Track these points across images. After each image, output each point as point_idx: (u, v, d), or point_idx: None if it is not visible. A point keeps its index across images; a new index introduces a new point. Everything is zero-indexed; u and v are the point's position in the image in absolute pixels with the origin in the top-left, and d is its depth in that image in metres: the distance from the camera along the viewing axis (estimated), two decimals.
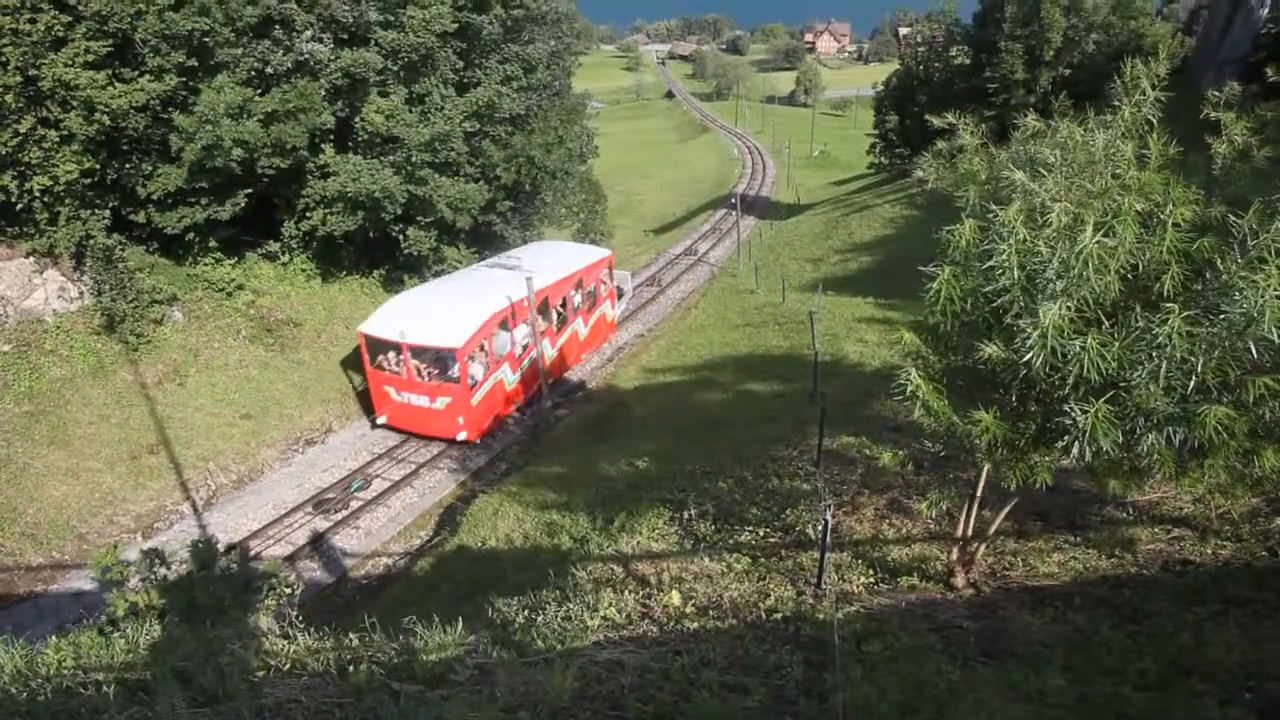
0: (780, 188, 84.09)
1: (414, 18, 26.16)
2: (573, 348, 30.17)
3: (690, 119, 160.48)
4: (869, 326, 25.54)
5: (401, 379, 23.40)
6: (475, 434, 23.60)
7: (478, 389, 23.45)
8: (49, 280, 22.58)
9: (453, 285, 26.80)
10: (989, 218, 5.89)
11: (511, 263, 28.42)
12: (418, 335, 22.71)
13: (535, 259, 29.37)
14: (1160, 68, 6.08)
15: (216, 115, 21.94)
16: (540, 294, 25.81)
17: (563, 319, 28.98)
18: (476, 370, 23.46)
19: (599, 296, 32.17)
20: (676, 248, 53.55)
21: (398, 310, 23.88)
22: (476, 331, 22.91)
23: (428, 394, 23.19)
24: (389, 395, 23.81)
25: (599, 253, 33.62)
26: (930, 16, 60.99)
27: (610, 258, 33.34)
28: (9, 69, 19.45)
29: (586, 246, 36.90)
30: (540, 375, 26.54)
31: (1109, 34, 42.71)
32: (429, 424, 23.60)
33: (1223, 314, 5.04)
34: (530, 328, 25.71)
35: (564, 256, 31.16)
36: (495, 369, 24.36)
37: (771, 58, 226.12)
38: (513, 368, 25.46)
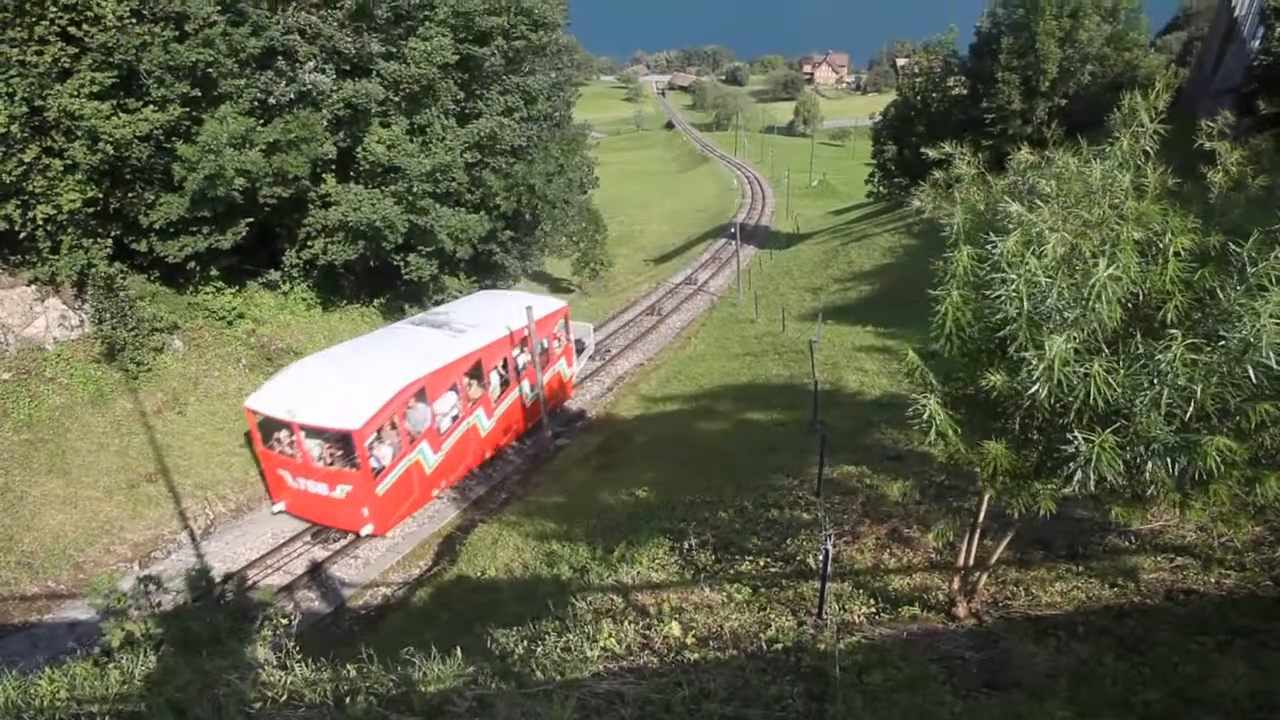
0: (779, 217, 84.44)
1: (415, 49, 26.41)
2: (516, 416, 25.92)
3: (690, 149, 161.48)
4: (869, 355, 25.55)
5: (296, 463, 19.69)
6: (383, 527, 20.03)
7: (384, 476, 19.64)
8: (50, 308, 22.62)
9: (363, 351, 22.54)
10: (988, 248, 5.91)
11: (441, 319, 24.81)
12: (310, 414, 18.90)
13: (471, 314, 25.70)
14: (1159, 100, 6.14)
15: (219, 145, 22.08)
16: (472, 356, 22.81)
17: (505, 382, 25.16)
18: (384, 453, 19.77)
19: (551, 354, 27.73)
20: (676, 277, 53.65)
21: (292, 382, 20.15)
22: (382, 408, 19.21)
23: (325, 481, 19.43)
24: (284, 480, 20.19)
25: (551, 304, 28.74)
26: (928, 48, 61.60)
27: (565, 309, 28.66)
28: (15, 99, 19.63)
29: (538, 296, 30.92)
30: (473, 451, 23.45)
31: (1104, 65, 43.11)
32: (330, 514, 20.02)
33: (1221, 341, 5.06)
34: (459, 397, 22.41)
35: (506, 310, 26.21)
36: (410, 450, 20.50)
37: (770, 88, 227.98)
38: (434, 446, 21.58)
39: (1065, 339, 5.30)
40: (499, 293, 31.82)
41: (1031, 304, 5.60)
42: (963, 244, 6.09)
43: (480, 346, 23.28)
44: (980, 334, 6.15)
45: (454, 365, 21.95)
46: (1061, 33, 42.95)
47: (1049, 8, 42.69)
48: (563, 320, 28.37)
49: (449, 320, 24.64)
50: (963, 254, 6.00)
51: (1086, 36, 42.60)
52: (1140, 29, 45.00)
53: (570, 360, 29.61)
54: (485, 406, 23.96)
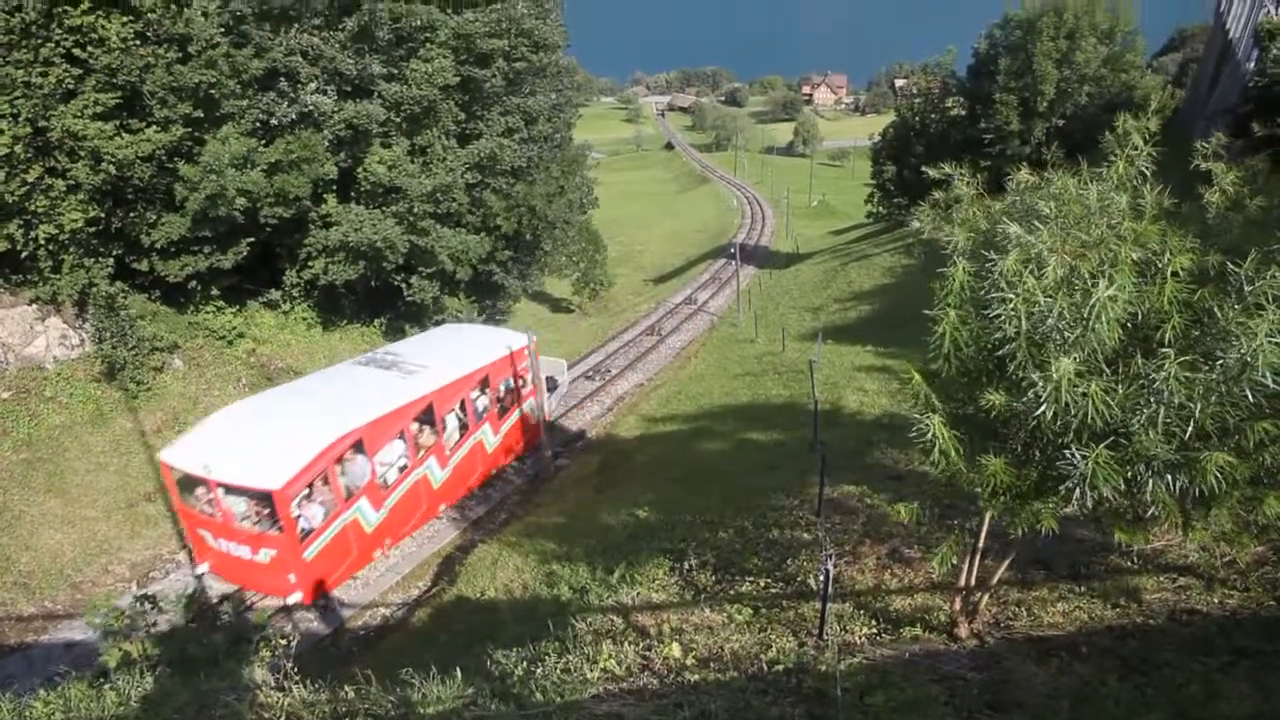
0: (779, 237, 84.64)
1: (417, 71, 26.59)
2: (475, 464, 23.49)
3: (690, 170, 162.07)
4: (869, 375, 25.52)
5: (216, 523, 17.25)
6: (311, 594, 17.69)
7: (314, 539, 17.37)
8: (50, 327, 22.64)
9: (297, 397, 19.89)
10: (987, 266, 5.92)
11: (390, 359, 22.31)
12: (228, 470, 16.57)
13: (425, 353, 23.27)
14: (1152, 123, 6.17)
15: (221, 165, 22.20)
16: (422, 401, 20.54)
17: (462, 427, 22.70)
18: (314, 513, 17.44)
19: (517, 395, 25.21)
20: (676, 297, 53.70)
21: (213, 433, 17.71)
22: (309, 465, 16.85)
23: (248, 544, 17.07)
24: (205, 541, 17.72)
25: (515, 340, 25.45)
26: (926, 69, 61.96)
27: (532, 344, 25.37)
28: (19, 120, 19.78)
29: (501, 332, 27.39)
30: (425, 504, 21.35)
31: (1101, 86, 43.37)
32: (254, 579, 17.75)
33: (1219, 360, 5.06)
34: (407, 446, 20.14)
35: (465, 347, 24.26)
36: (346, 508, 18.15)
37: (770, 109, 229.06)
38: (375, 502, 19.27)
39: (1072, 360, 5.30)
40: (461, 327, 28.74)
41: (1031, 324, 5.61)
42: (961, 261, 6.10)
43: (433, 389, 21.00)
44: (979, 353, 6.15)
45: (400, 411, 19.67)
46: (1058, 54, 43.23)
47: (1046, 30, 42.99)
48: (530, 356, 25.38)
49: (399, 360, 22.16)
50: (960, 270, 6.01)
51: (1083, 58, 42.88)
52: (1136, 51, 45.30)
53: (540, 399, 26.28)
54: (438, 455, 21.48)
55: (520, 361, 25.13)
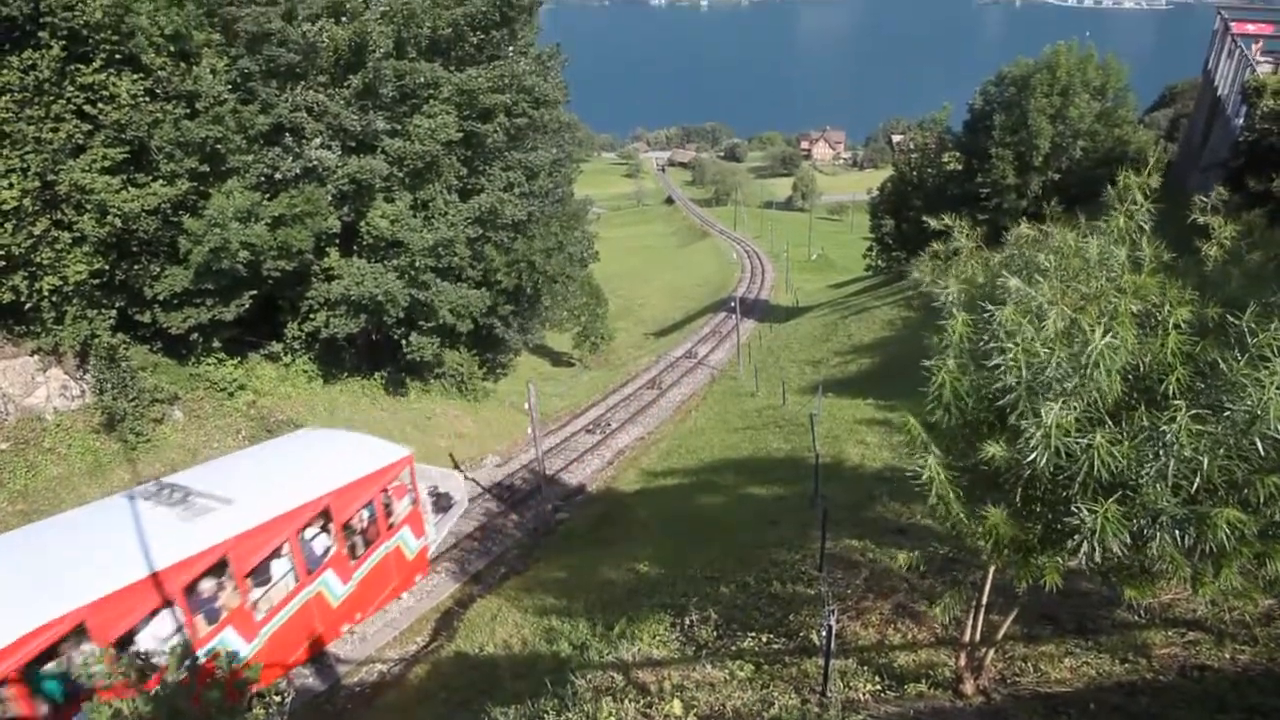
0: (779, 291, 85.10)
1: (420, 126, 26.95)
2: (309, 627, 16.69)
3: (690, 224, 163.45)
4: (870, 428, 25.46)
5: None
6: None
7: None
8: (51, 378, 22.66)
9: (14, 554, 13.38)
10: (985, 317, 5.94)
11: (181, 493, 15.08)
12: None
13: (240, 478, 16.41)
14: (1152, 179, 6.24)
15: (225, 219, 22.40)
16: (212, 553, 13.98)
17: (287, 581, 16.02)
18: None
19: (380, 526, 18.30)
20: (677, 350, 53.85)
21: None
22: None
23: None
24: None
25: (384, 454, 18.95)
26: (922, 124, 62.78)
27: (407, 458, 19.22)
28: (29, 174, 20.04)
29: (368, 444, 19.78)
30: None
31: (1095, 141, 43.96)
32: None
33: (1226, 412, 5.04)
34: (182, 619, 13.41)
35: (305, 468, 17.61)
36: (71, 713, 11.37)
37: (769, 164, 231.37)
38: None
39: (1061, 406, 5.29)
40: (315, 437, 20.59)
41: (1031, 374, 5.60)
42: (959, 312, 6.12)
43: (231, 536, 14.41)
44: (978, 404, 6.14)
45: (169, 573, 13.20)
46: (1052, 110, 43.89)
47: (1039, 86, 43.71)
48: (405, 474, 19.32)
49: (193, 491, 15.17)
50: (959, 321, 6.03)
51: (1077, 113, 43.53)
52: (1128, 106, 45.99)
53: (420, 528, 19.98)
54: (241, 626, 14.73)
55: (388, 480, 18.70)
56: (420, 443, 30.78)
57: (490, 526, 25.55)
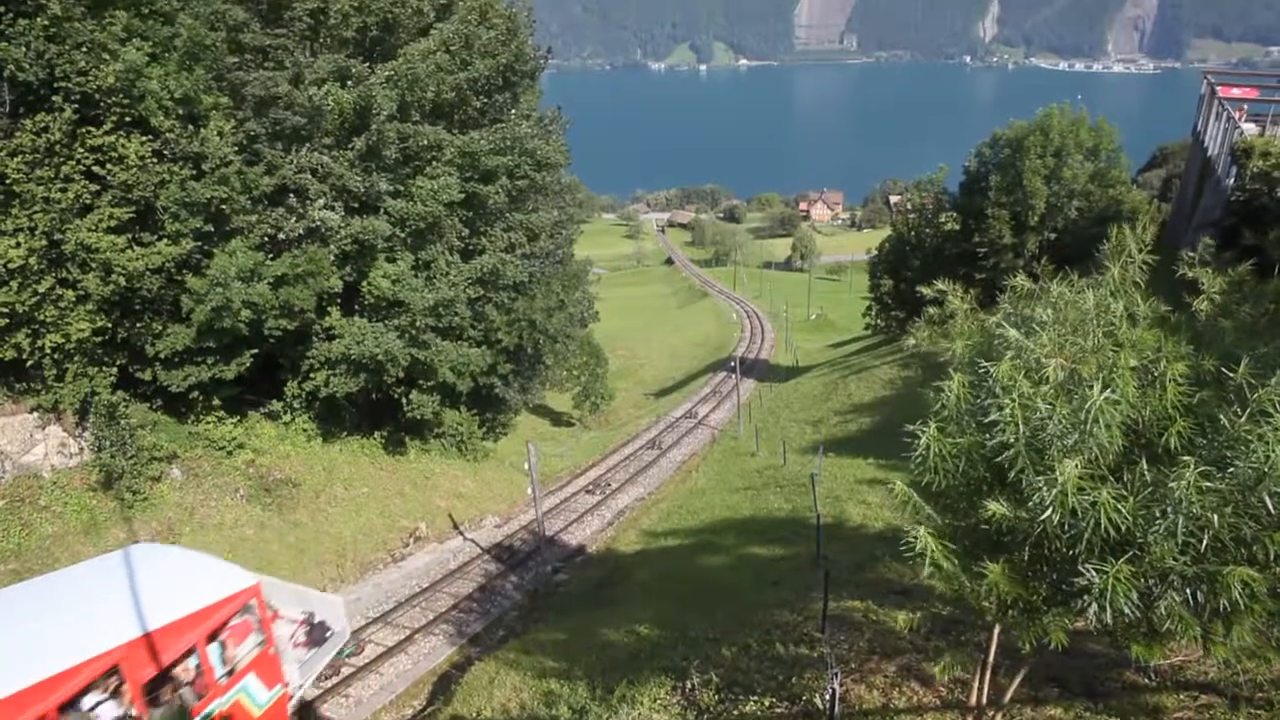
0: (779, 351, 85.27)
1: (423, 188, 27.28)
2: None
3: (689, 284, 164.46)
4: (871, 488, 25.32)
5: None
6: None
7: None
8: (50, 436, 22.61)
9: None
10: (980, 373, 5.95)
11: None
12: None
13: None
14: (1146, 235, 6.31)
15: (228, 278, 22.56)
16: None
17: None
18: None
19: (209, 680, 13.14)
20: (677, 410, 53.78)
21: None
22: None
23: None
24: None
25: (218, 585, 13.92)
26: (919, 185, 63.38)
27: (253, 589, 14.25)
28: (36, 233, 20.26)
29: (197, 569, 14.53)
30: None
31: (1090, 201, 44.32)
32: None
33: (1231, 468, 5.02)
34: None
35: (95, 608, 12.60)
36: None
37: (768, 225, 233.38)
38: None
39: (1075, 464, 5.26)
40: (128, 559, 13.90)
41: (1030, 430, 5.59)
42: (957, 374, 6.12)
43: None
44: (973, 462, 6.11)
45: None
46: (1046, 170, 44.36)
47: (1033, 147, 44.24)
48: (250, 607, 14.25)
49: None
50: (956, 381, 6.03)
51: (1071, 174, 43.98)
52: (1121, 167, 46.47)
53: (273, 675, 14.66)
54: None
55: (224, 620, 13.76)
56: (419, 502, 30.61)
57: (489, 588, 25.28)
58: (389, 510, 29.35)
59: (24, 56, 19.80)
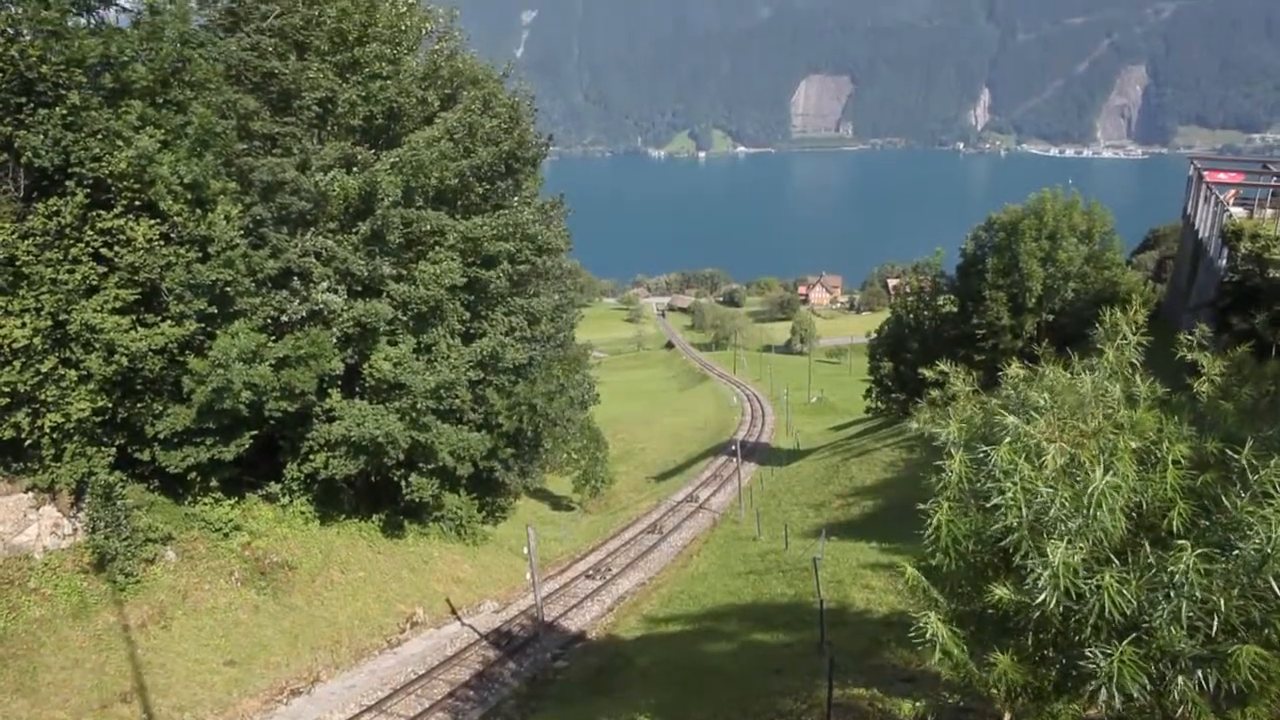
0: (779, 434, 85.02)
1: (425, 272, 27.58)
2: None
3: (690, 368, 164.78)
4: (874, 573, 25.01)
5: None
6: None
7: None
8: (44, 516, 22.43)
9: None
10: (981, 456, 5.96)
11: None
12: None
13: None
14: (1139, 315, 6.37)
15: (229, 359, 22.65)
16: None
17: None
18: None
19: None
20: (678, 494, 53.38)
21: None
22: None
23: None
24: None
25: None
26: (916, 268, 64.07)
27: None
28: (42, 314, 20.47)
29: None
30: None
31: (1085, 282, 44.76)
32: None
33: (1235, 551, 4.99)
34: None
35: None
36: None
37: (767, 309, 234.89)
38: None
39: (1067, 545, 5.23)
40: None
41: (1033, 513, 5.57)
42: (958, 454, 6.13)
43: None
44: (981, 546, 6.08)
45: None
46: (1042, 253, 44.89)
47: (1028, 231, 44.85)
48: None
49: None
50: (958, 463, 6.03)
51: (1066, 256, 44.50)
52: (1115, 249, 47.06)
53: None
54: None
55: None
56: (417, 587, 30.19)
57: (487, 675, 24.73)
58: (386, 595, 28.92)
59: (41, 144, 20.40)
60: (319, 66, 25.93)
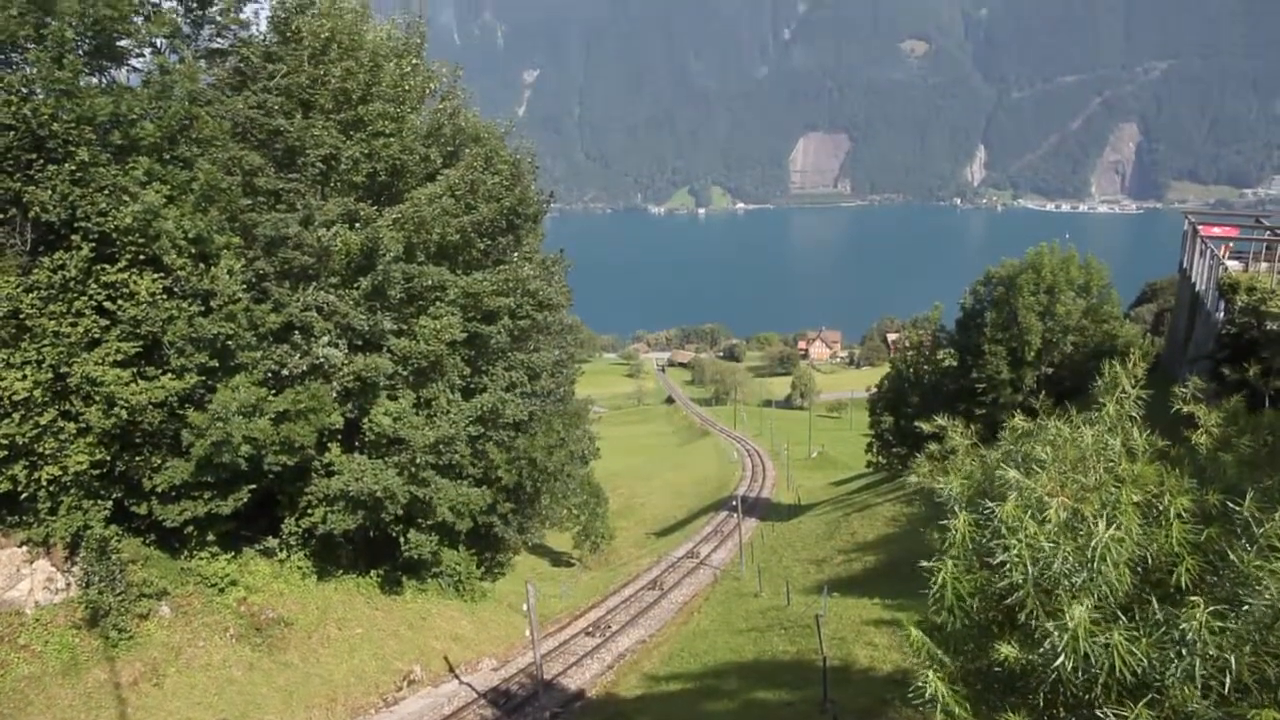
0: (780, 489, 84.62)
1: (426, 327, 27.68)
2: None
3: (690, 423, 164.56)
4: (878, 629, 24.72)
5: None
6: None
7: None
8: (38, 570, 22.19)
9: None
10: (984, 512, 5.92)
11: None
12: None
13: None
14: (1138, 369, 6.38)
15: (229, 413, 22.62)
16: None
17: None
18: None
19: None
20: (679, 550, 52.99)
21: None
22: None
23: None
24: None
25: None
26: (915, 323, 64.38)
27: None
28: (43, 367, 20.52)
29: None
30: None
31: (1084, 336, 44.94)
32: None
33: (1246, 606, 4.93)
34: None
35: None
36: None
37: (767, 364, 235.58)
38: None
39: (1078, 603, 5.18)
40: None
41: (1038, 570, 5.53)
42: (961, 511, 6.10)
43: None
44: (985, 603, 6.02)
45: None
46: (1040, 307, 45.13)
47: (1026, 285, 45.12)
48: None
49: None
50: (961, 521, 5.99)
51: (1064, 310, 44.73)
52: (1113, 302, 47.30)
53: None
54: None
55: None
56: (414, 644, 29.78)
57: None
58: (383, 652, 28.51)
59: (49, 199, 20.66)
60: (324, 124, 26.29)
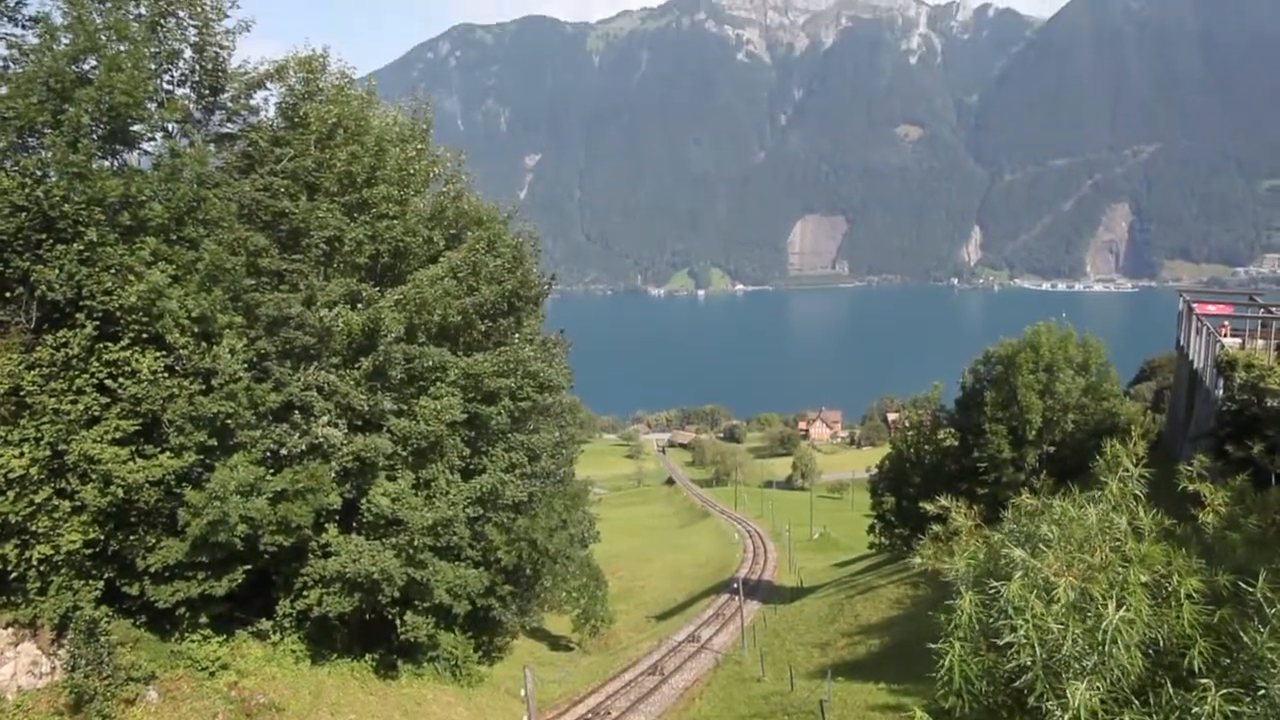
0: (782, 570, 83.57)
1: (426, 408, 27.65)
2: None
3: (690, 504, 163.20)
4: (883, 715, 24.14)
5: None
6: None
7: None
8: (22, 653, 21.70)
9: None
10: (990, 593, 5.85)
11: None
12: None
13: None
14: (1139, 447, 6.37)
15: (226, 492, 22.46)
16: None
17: None
18: None
19: None
20: (679, 634, 52.10)
21: None
22: None
23: None
24: None
25: None
26: (915, 402, 64.34)
27: None
28: (41, 444, 20.45)
29: None
30: None
31: (1084, 414, 44.86)
32: None
33: (1261, 690, 4.84)
34: None
35: None
36: None
37: (767, 444, 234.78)
38: None
39: (1087, 686, 5.08)
40: None
41: (1046, 651, 5.43)
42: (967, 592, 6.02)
43: None
44: (994, 686, 5.91)
45: None
46: (1040, 385, 45.17)
47: (1025, 364, 45.25)
48: None
49: None
50: (968, 601, 5.92)
51: (1064, 388, 44.77)
52: (1112, 379, 47.36)
53: None
54: None
55: None
56: None
57: None
58: None
59: (56, 278, 20.88)
60: (328, 206, 26.69)
